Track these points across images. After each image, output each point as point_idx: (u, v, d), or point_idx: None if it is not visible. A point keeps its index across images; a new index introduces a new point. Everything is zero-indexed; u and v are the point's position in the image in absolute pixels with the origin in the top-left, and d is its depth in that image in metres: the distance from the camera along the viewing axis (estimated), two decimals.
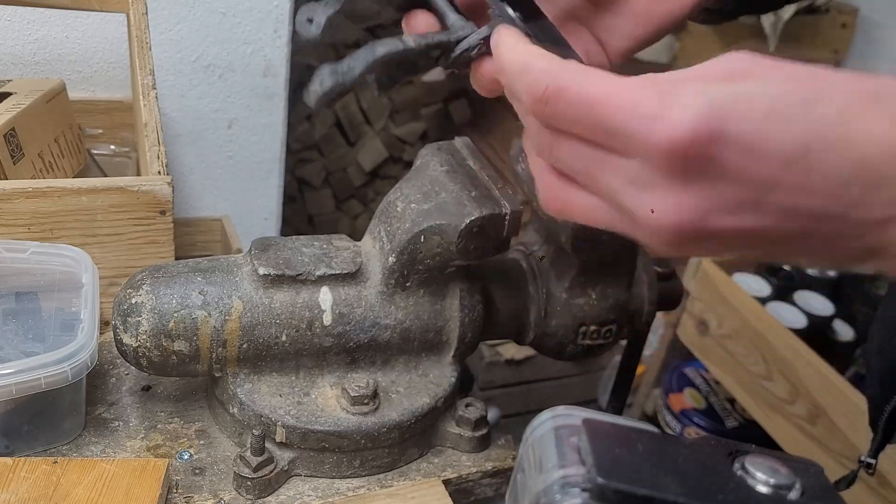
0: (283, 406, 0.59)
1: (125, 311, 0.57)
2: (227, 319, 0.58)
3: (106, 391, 0.66)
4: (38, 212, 0.70)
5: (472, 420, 0.65)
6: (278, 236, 0.72)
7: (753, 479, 0.36)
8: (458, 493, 0.63)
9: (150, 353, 0.57)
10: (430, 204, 0.59)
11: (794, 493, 0.36)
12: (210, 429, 0.64)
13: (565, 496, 0.35)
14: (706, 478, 0.36)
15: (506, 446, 0.67)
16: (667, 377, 1.67)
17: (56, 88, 0.89)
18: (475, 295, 0.64)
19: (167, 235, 0.76)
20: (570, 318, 0.67)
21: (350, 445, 0.60)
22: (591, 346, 0.68)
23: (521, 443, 0.42)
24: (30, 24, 1.13)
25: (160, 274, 0.59)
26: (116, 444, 0.61)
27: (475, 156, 0.64)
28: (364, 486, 0.61)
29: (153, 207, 0.74)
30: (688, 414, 1.58)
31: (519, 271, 0.68)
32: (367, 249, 0.62)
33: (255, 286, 0.59)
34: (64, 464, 0.55)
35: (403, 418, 0.61)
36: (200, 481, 0.59)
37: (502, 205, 0.58)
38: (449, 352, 0.64)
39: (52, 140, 0.88)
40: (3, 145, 0.78)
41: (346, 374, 0.62)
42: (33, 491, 0.53)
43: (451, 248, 0.58)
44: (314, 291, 0.60)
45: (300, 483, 0.60)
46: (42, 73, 1.16)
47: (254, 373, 0.60)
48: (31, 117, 0.83)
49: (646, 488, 0.33)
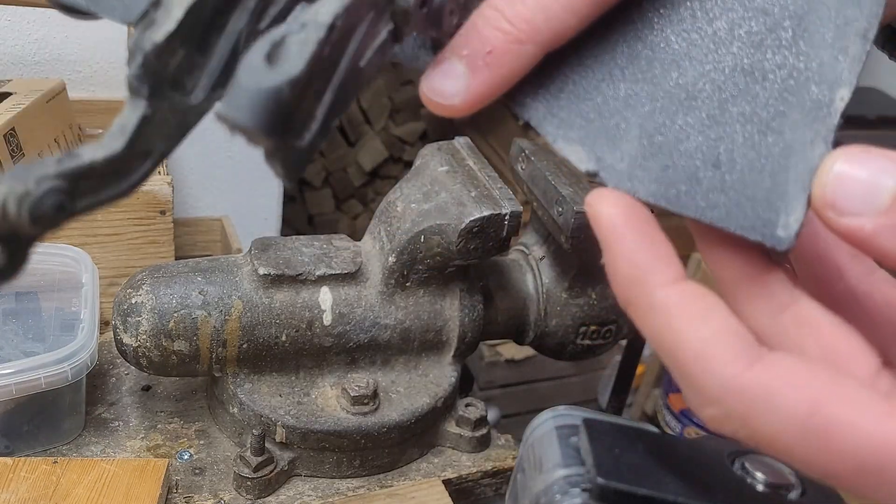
0: (283, 406, 0.59)
1: (125, 311, 0.57)
2: (227, 319, 0.58)
3: (106, 391, 0.66)
4: None
5: (472, 420, 0.65)
6: (278, 236, 0.72)
7: (753, 479, 0.36)
8: (458, 493, 0.63)
9: (150, 353, 0.57)
10: (430, 204, 0.59)
11: (794, 493, 0.36)
12: (210, 429, 0.64)
13: (565, 496, 0.35)
14: (706, 478, 0.36)
15: (506, 446, 0.67)
16: (667, 377, 1.66)
17: (56, 88, 0.89)
18: (475, 295, 0.64)
19: (167, 235, 0.76)
20: (570, 318, 0.67)
21: (350, 445, 0.60)
22: (591, 346, 0.68)
23: (521, 443, 0.42)
24: (30, 24, 1.13)
25: (160, 274, 0.59)
26: (116, 444, 0.61)
27: (475, 156, 0.64)
28: (364, 486, 0.61)
29: (153, 207, 0.74)
30: (688, 414, 1.58)
31: (519, 271, 0.68)
32: (367, 249, 0.62)
33: (255, 286, 0.59)
34: (64, 464, 0.55)
35: (403, 418, 0.61)
36: (200, 481, 0.59)
37: (502, 205, 0.58)
38: (449, 352, 0.64)
39: (52, 140, 0.88)
40: (3, 145, 0.78)
41: (346, 374, 0.62)
42: (33, 491, 0.53)
43: (451, 248, 0.58)
44: (314, 291, 0.60)
45: (300, 483, 0.60)
46: (42, 73, 1.16)
47: (254, 373, 0.60)
48: (31, 117, 0.83)
49: (646, 488, 0.33)
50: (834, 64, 0.26)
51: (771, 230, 0.25)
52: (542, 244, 0.68)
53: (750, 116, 0.26)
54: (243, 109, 0.20)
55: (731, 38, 0.27)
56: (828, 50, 0.26)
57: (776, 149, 0.26)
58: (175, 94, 0.23)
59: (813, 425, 0.23)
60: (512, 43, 0.26)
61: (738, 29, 0.27)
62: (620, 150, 0.27)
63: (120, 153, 0.23)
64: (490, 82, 0.27)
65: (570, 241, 0.61)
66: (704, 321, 0.24)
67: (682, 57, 0.27)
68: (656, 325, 0.25)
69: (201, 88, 0.24)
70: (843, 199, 0.24)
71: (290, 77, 0.21)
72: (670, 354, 0.25)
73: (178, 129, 0.24)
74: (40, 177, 0.21)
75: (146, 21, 0.23)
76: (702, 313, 0.24)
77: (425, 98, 0.27)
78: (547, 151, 0.66)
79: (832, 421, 0.22)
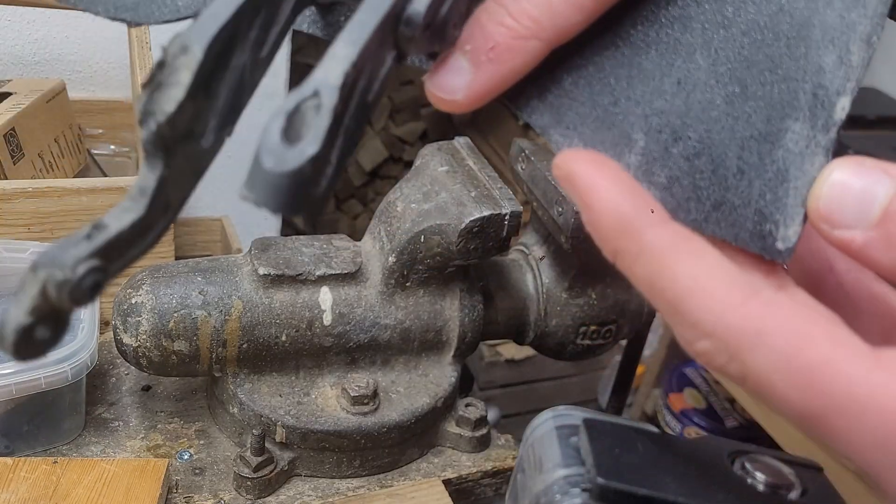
0: (283, 406, 0.59)
1: (125, 311, 0.57)
2: (227, 319, 0.58)
3: (106, 391, 0.66)
4: (38, 212, 0.70)
5: (472, 420, 0.65)
6: (278, 236, 0.72)
7: (753, 479, 0.36)
8: (458, 493, 0.63)
9: (150, 353, 0.57)
10: (430, 204, 0.59)
11: (794, 493, 0.36)
12: (210, 429, 0.64)
13: (565, 496, 0.35)
14: (706, 478, 0.36)
15: (506, 446, 0.67)
16: (667, 377, 1.67)
17: (56, 88, 0.89)
18: (475, 295, 0.64)
19: (167, 235, 0.76)
20: (570, 318, 0.67)
21: (350, 445, 0.60)
22: (591, 346, 0.68)
23: (521, 443, 0.42)
24: (30, 24, 1.13)
25: (160, 274, 0.59)
26: (116, 444, 0.61)
27: (475, 156, 0.64)
28: (364, 486, 0.61)
29: None
30: (688, 414, 1.58)
31: (519, 271, 0.68)
32: (367, 249, 0.62)
33: (255, 286, 0.59)
34: (64, 464, 0.55)
35: (403, 418, 0.61)
36: (200, 481, 0.59)
37: (502, 205, 0.58)
38: (449, 352, 0.64)
39: (52, 140, 0.88)
40: (3, 145, 0.78)
41: (346, 374, 0.62)
42: (33, 491, 0.53)
43: (451, 248, 0.58)
44: (314, 291, 0.60)
45: (300, 483, 0.60)
46: (42, 73, 1.16)
47: (254, 373, 0.60)
48: (31, 117, 0.83)
49: (646, 488, 0.33)
50: (836, 72, 0.25)
51: (771, 243, 0.25)
52: (542, 244, 0.68)
53: (752, 126, 0.26)
54: (267, 193, 0.20)
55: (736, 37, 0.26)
56: (830, 56, 0.26)
57: (776, 160, 0.26)
58: (188, 145, 0.24)
59: (800, 363, 0.23)
60: (515, 39, 0.26)
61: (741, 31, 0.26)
62: (626, 160, 0.27)
63: (144, 215, 0.23)
64: (493, 78, 0.26)
65: (570, 241, 0.61)
66: (698, 257, 0.24)
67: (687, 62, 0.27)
68: (649, 267, 0.25)
69: (211, 130, 0.24)
70: (836, 211, 0.24)
71: (311, 156, 0.21)
72: (663, 294, 0.24)
73: (193, 176, 0.25)
74: (76, 260, 0.22)
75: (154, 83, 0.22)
76: (695, 251, 0.24)
77: (429, 93, 0.27)
78: (547, 151, 0.66)
79: (820, 360, 0.23)
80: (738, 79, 0.26)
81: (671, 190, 0.27)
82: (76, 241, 0.22)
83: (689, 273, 0.24)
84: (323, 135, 0.21)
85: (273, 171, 0.20)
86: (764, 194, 0.26)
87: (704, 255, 0.24)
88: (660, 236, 0.24)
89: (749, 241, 0.26)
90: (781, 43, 0.26)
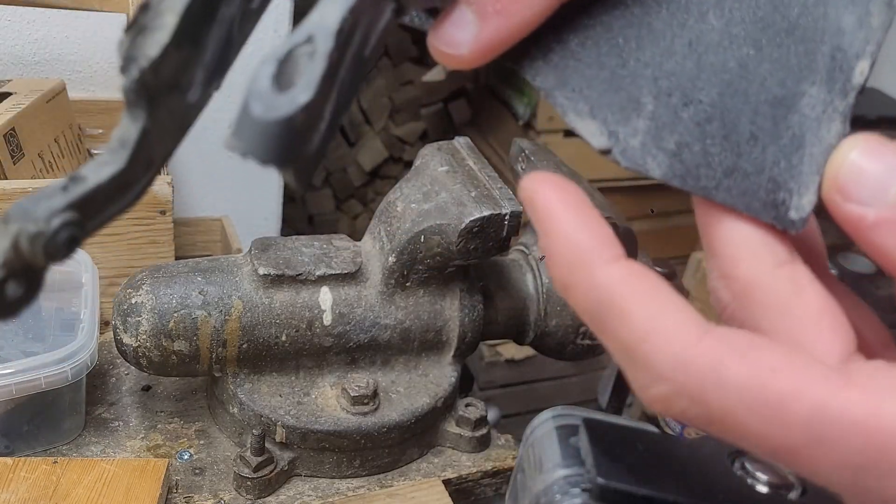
0: (283, 406, 0.59)
1: (125, 311, 0.57)
2: (227, 319, 0.58)
3: (106, 391, 0.66)
4: None
5: (472, 420, 0.65)
6: (278, 236, 0.72)
7: (753, 479, 0.36)
8: (458, 493, 0.63)
9: (150, 353, 0.57)
10: (430, 204, 0.59)
11: (794, 493, 0.36)
12: (210, 429, 0.64)
13: (565, 496, 0.35)
14: (706, 478, 0.36)
15: (506, 446, 0.67)
16: None
17: (56, 88, 0.89)
18: (475, 295, 0.64)
19: (167, 235, 0.75)
20: (570, 318, 0.67)
21: (350, 445, 0.60)
22: (591, 346, 0.68)
23: (521, 443, 0.42)
24: (30, 24, 1.13)
25: (160, 274, 0.59)
26: (116, 444, 0.61)
27: (475, 156, 0.64)
28: (364, 486, 0.61)
29: (153, 207, 0.74)
30: None
31: (519, 271, 0.68)
32: (367, 249, 0.62)
33: (255, 286, 0.59)
34: (64, 464, 0.55)
35: (403, 418, 0.61)
36: (200, 481, 0.59)
37: (502, 205, 0.58)
38: (449, 352, 0.64)
39: (52, 140, 0.88)
40: (3, 145, 0.78)
41: (346, 374, 0.62)
42: (33, 491, 0.53)
43: (451, 248, 0.58)
44: (314, 291, 0.60)
45: (300, 483, 0.60)
46: (42, 73, 1.16)
47: (254, 373, 0.60)
48: (31, 117, 0.83)
49: (646, 488, 0.33)
50: (856, 33, 0.24)
51: (784, 212, 0.24)
52: None
53: (766, 89, 0.25)
54: (255, 142, 0.19)
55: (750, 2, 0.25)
56: (850, 17, 0.24)
57: (792, 125, 0.25)
58: (172, 97, 0.22)
59: (764, 397, 0.22)
60: None
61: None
62: (634, 124, 0.26)
63: (124, 168, 0.22)
64: (500, 31, 0.25)
65: None
66: (650, 297, 0.23)
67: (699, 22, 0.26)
68: (599, 306, 0.23)
69: (198, 84, 0.23)
70: (853, 186, 0.23)
71: (303, 104, 0.19)
72: (614, 334, 0.23)
73: (178, 131, 0.23)
74: (50, 212, 0.20)
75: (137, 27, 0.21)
76: (646, 289, 0.23)
77: (432, 48, 0.26)
78: (547, 151, 0.66)
79: (784, 391, 0.22)
80: (752, 40, 0.25)
81: (680, 156, 0.25)
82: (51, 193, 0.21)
83: (643, 314, 0.23)
84: (317, 82, 0.20)
85: (262, 118, 0.19)
86: (778, 161, 0.25)
87: (657, 293, 0.23)
88: (611, 275, 0.23)
89: (761, 210, 0.24)
90: (799, 2, 0.25)
